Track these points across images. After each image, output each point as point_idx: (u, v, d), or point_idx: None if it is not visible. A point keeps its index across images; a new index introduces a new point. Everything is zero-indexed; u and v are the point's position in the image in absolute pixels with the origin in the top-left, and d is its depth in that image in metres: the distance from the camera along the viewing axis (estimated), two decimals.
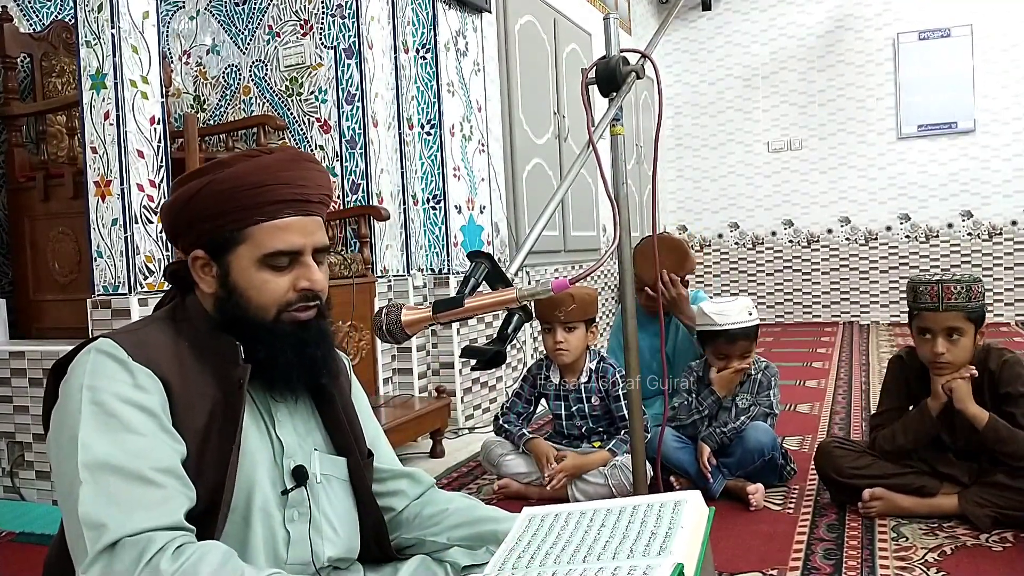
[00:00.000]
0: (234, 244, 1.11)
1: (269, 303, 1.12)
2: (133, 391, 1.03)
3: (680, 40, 7.46)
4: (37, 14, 3.35)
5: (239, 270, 1.12)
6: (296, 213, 1.13)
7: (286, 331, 1.13)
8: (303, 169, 1.15)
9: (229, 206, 1.10)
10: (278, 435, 1.17)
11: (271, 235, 1.11)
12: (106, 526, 0.94)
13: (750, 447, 2.34)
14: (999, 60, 6.51)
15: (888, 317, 6.93)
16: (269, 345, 1.12)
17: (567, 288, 1.16)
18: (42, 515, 2.48)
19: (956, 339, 2.06)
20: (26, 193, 2.87)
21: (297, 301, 1.13)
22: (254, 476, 1.12)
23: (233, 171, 1.12)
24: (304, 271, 1.13)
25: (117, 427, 1.00)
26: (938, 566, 1.83)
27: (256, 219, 1.10)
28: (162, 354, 1.09)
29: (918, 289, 2.10)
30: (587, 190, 5.44)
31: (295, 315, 1.13)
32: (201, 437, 1.07)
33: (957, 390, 2.05)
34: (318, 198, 1.16)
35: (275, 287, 1.12)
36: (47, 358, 2.55)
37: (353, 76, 3.43)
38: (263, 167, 1.12)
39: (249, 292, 1.12)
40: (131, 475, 0.97)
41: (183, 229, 1.15)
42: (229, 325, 1.13)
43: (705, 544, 1.00)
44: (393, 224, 3.53)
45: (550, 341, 2.51)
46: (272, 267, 1.12)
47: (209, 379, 1.11)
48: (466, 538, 1.29)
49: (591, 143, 1.62)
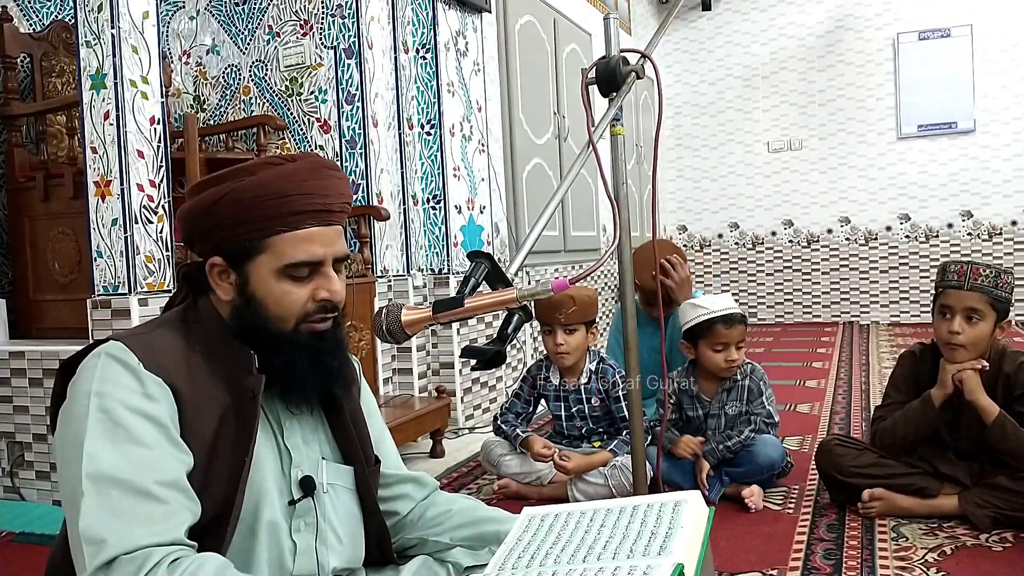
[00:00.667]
0: (254, 253, 1.10)
1: (288, 314, 1.11)
2: (142, 400, 1.02)
3: (680, 40, 7.46)
4: (37, 14, 3.35)
5: (258, 279, 1.10)
6: (318, 223, 1.11)
7: (303, 341, 1.12)
8: (325, 178, 1.13)
9: (251, 215, 1.08)
10: (286, 444, 1.17)
11: (293, 245, 1.09)
12: (105, 542, 0.93)
13: (760, 462, 2.33)
14: (999, 60, 6.51)
15: (888, 317, 6.92)
16: (287, 355, 1.11)
17: (567, 288, 1.16)
18: (42, 515, 2.48)
19: (975, 322, 2.04)
20: (26, 193, 2.87)
21: (316, 312, 1.12)
22: (262, 486, 1.11)
23: (255, 179, 1.10)
24: (324, 281, 1.12)
25: (123, 437, 0.99)
26: (938, 566, 1.83)
27: (278, 229, 1.09)
28: (172, 360, 1.08)
29: (948, 268, 2.09)
30: (587, 190, 5.44)
31: (313, 326, 1.12)
32: (210, 445, 1.06)
33: (968, 380, 2.03)
34: (339, 207, 1.14)
35: (295, 298, 1.11)
36: (47, 358, 2.55)
37: (353, 76, 3.43)
38: (286, 176, 1.10)
39: (268, 302, 1.10)
40: (134, 489, 0.97)
41: (201, 235, 1.14)
42: (245, 333, 1.12)
43: (705, 544, 1.00)
44: (393, 224, 3.53)
45: (551, 343, 2.51)
46: (292, 277, 1.10)
47: (219, 385, 1.10)
48: (468, 538, 1.29)
49: (591, 143, 1.61)
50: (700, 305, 2.41)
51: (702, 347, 2.40)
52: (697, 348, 2.43)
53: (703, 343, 2.40)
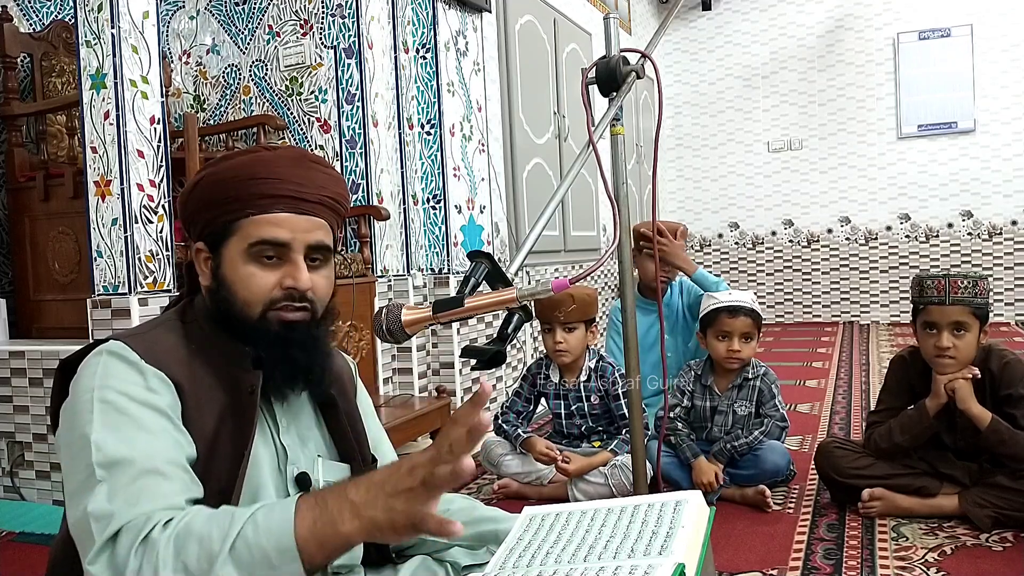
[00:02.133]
0: (227, 236, 1.11)
1: (254, 299, 1.10)
2: (144, 392, 1.02)
3: (680, 40, 7.46)
4: (37, 14, 3.35)
5: (228, 262, 1.11)
6: (289, 210, 1.10)
7: (272, 330, 1.11)
8: (304, 168, 1.13)
9: (223, 196, 1.10)
10: (282, 441, 1.16)
11: (258, 227, 1.10)
12: (112, 515, 0.93)
13: (767, 468, 2.34)
14: (999, 60, 6.51)
15: (888, 317, 6.92)
16: (258, 343, 1.11)
17: (567, 288, 1.16)
18: (42, 515, 2.48)
19: (961, 334, 2.05)
20: (26, 193, 2.87)
21: (282, 299, 1.11)
22: (259, 483, 1.11)
23: (231, 163, 1.12)
24: (291, 269, 1.11)
25: (128, 425, 0.99)
26: (938, 566, 1.83)
27: (247, 212, 1.10)
28: (172, 356, 1.08)
29: (924, 283, 2.09)
30: (587, 190, 5.44)
31: (281, 314, 1.11)
32: (210, 441, 1.06)
33: (960, 390, 2.04)
34: (316, 198, 1.13)
35: (260, 281, 1.10)
36: (47, 358, 2.55)
37: (353, 76, 3.42)
38: (261, 161, 1.12)
39: (236, 286, 1.10)
40: (142, 469, 0.97)
41: (188, 221, 1.17)
42: (222, 320, 1.12)
43: (706, 544, 0.99)
44: (393, 224, 3.53)
45: (550, 341, 2.51)
46: (258, 260, 1.10)
47: (218, 382, 1.10)
48: (467, 538, 1.28)
49: (591, 143, 1.61)
50: (713, 296, 2.49)
51: (709, 336, 2.47)
52: (707, 338, 2.49)
53: (710, 332, 2.47)
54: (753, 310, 2.44)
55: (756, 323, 2.44)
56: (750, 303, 2.45)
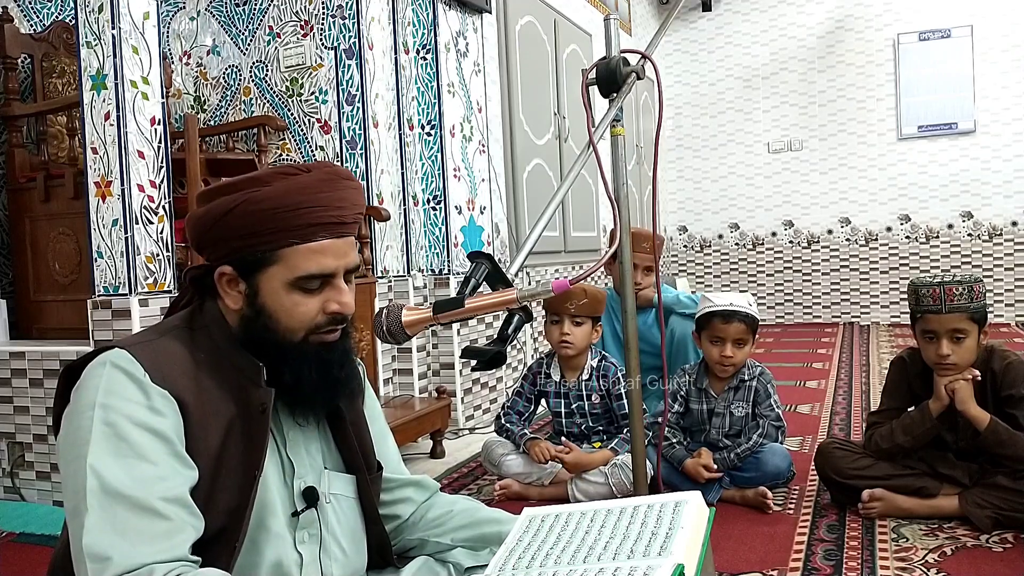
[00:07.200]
0: (266, 264, 1.08)
1: (299, 326, 1.10)
2: (147, 414, 1.01)
3: (680, 41, 7.46)
4: (37, 15, 3.35)
5: (269, 291, 1.09)
6: (331, 235, 1.09)
7: (311, 352, 1.11)
8: (340, 189, 1.11)
9: (264, 227, 1.07)
10: (288, 455, 1.16)
11: (305, 258, 1.08)
12: (110, 560, 0.92)
13: (768, 471, 2.33)
14: (999, 60, 6.51)
15: (888, 318, 6.92)
16: (294, 366, 1.10)
17: (567, 288, 1.16)
18: (42, 515, 2.48)
19: (960, 340, 2.05)
20: (26, 193, 2.87)
21: (326, 324, 1.11)
22: (266, 498, 1.10)
23: (270, 190, 1.07)
24: (335, 293, 1.10)
25: (128, 452, 0.98)
26: (938, 567, 1.83)
27: (291, 241, 1.07)
28: (179, 371, 1.06)
29: (920, 292, 2.09)
30: (587, 190, 5.44)
31: (322, 337, 1.11)
32: (216, 458, 1.05)
33: (959, 391, 2.05)
34: (352, 218, 1.13)
35: (306, 310, 1.09)
36: (47, 359, 2.56)
37: (353, 77, 3.43)
38: (301, 188, 1.08)
39: (279, 314, 1.09)
40: (139, 505, 0.96)
41: (211, 243, 1.11)
42: (252, 344, 1.11)
43: (706, 545, 1.00)
44: (393, 225, 3.53)
45: (556, 333, 2.51)
46: (303, 289, 1.09)
47: (226, 396, 1.08)
48: (469, 539, 1.29)
49: (591, 144, 1.62)
50: (708, 299, 2.47)
51: (703, 339, 2.46)
52: (700, 340, 2.48)
53: (704, 335, 2.45)
54: (748, 315, 2.41)
55: (751, 328, 2.42)
56: (746, 308, 2.41)
